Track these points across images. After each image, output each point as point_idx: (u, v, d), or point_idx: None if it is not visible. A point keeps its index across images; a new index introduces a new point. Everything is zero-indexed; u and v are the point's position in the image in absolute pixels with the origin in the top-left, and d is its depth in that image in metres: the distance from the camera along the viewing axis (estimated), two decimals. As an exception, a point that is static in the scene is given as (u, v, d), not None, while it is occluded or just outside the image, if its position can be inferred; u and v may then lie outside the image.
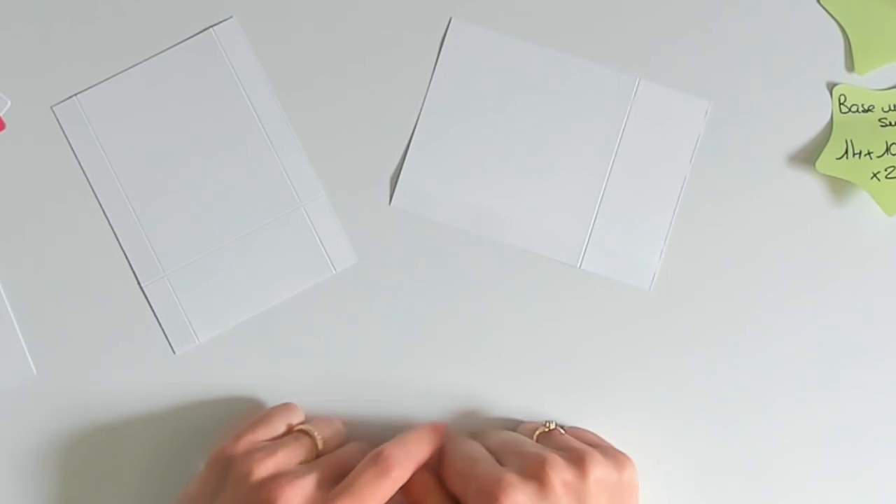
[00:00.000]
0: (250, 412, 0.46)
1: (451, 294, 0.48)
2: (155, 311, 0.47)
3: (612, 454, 0.42)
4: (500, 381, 0.47)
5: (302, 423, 0.44)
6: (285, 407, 0.45)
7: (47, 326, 0.47)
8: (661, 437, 0.47)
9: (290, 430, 0.43)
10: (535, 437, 0.44)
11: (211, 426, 0.47)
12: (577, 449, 0.41)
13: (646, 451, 0.47)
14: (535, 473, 0.39)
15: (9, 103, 0.47)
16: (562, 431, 0.45)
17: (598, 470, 0.40)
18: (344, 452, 0.42)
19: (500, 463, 0.42)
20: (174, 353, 0.47)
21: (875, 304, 0.48)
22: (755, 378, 0.48)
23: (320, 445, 0.42)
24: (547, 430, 0.44)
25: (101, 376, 0.47)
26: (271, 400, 0.47)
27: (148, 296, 0.47)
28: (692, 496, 0.47)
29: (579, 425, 0.47)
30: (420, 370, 0.47)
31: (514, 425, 0.47)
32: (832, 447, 0.47)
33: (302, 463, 0.42)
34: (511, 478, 0.39)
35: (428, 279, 0.48)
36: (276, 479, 0.39)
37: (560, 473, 0.39)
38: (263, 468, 0.40)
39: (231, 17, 0.48)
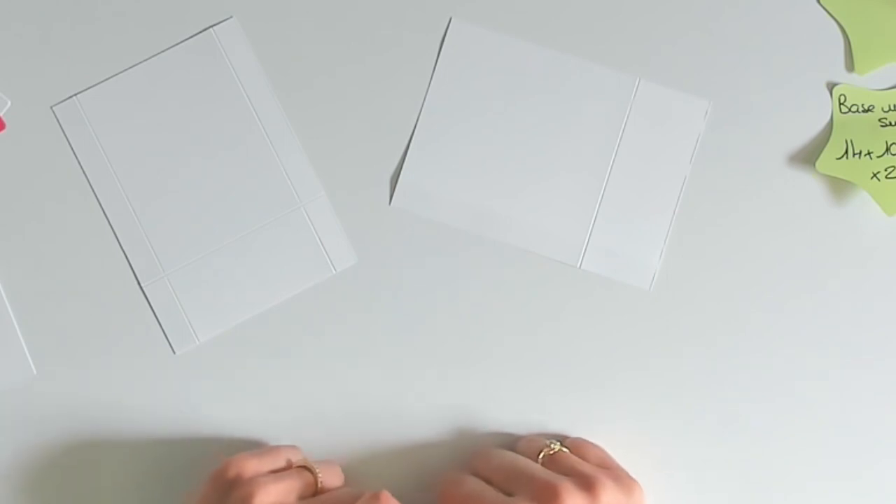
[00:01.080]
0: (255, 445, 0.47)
1: (451, 294, 0.48)
2: (155, 311, 0.47)
3: (620, 478, 0.42)
4: (500, 381, 0.47)
5: (304, 461, 0.44)
6: (290, 446, 0.45)
7: (47, 326, 0.47)
8: (662, 437, 0.47)
9: (291, 466, 0.43)
10: (539, 458, 0.43)
11: (211, 426, 0.47)
12: (586, 474, 0.41)
13: (646, 451, 0.47)
14: (548, 502, 0.39)
15: (9, 103, 0.47)
16: (565, 450, 0.44)
17: (609, 495, 0.40)
18: (341, 494, 0.43)
19: (507, 489, 0.41)
20: (174, 353, 0.47)
21: (875, 303, 0.48)
22: (755, 378, 0.48)
23: (319, 484, 0.43)
24: (552, 451, 0.44)
25: (101, 376, 0.47)
26: (270, 400, 0.47)
27: (148, 296, 0.47)
28: (692, 496, 0.47)
29: (579, 426, 0.47)
30: (420, 370, 0.47)
31: (511, 439, 0.47)
32: (832, 447, 0.47)
33: (301, 498, 0.42)
34: None
35: (428, 279, 0.48)
36: None
37: (573, 500, 0.39)
38: (265, 495, 0.40)
39: (231, 17, 0.48)
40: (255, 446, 0.46)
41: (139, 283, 0.47)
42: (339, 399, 0.47)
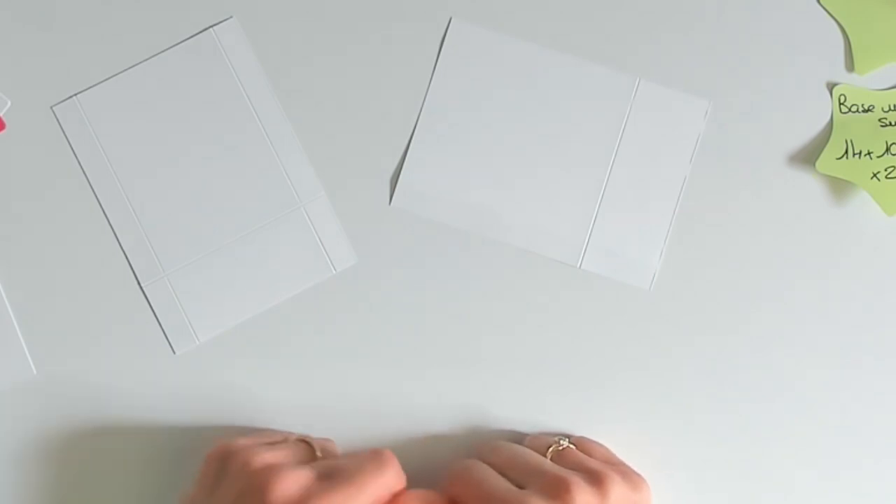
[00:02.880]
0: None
1: (451, 294, 0.48)
2: (155, 311, 0.47)
3: (627, 474, 0.42)
4: (500, 382, 0.47)
5: (300, 435, 0.44)
6: (284, 431, 0.46)
7: (47, 326, 0.47)
8: (662, 437, 0.47)
9: (287, 440, 0.44)
10: (547, 454, 0.44)
11: (211, 426, 0.47)
12: (595, 470, 0.41)
13: (646, 451, 0.47)
14: (559, 495, 0.39)
15: (9, 103, 0.47)
16: (572, 447, 0.44)
17: (617, 491, 0.41)
18: (341, 460, 0.43)
19: (518, 482, 0.41)
20: (174, 353, 0.47)
21: (875, 303, 0.48)
22: (755, 378, 0.48)
23: (318, 454, 0.43)
24: (560, 447, 0.44)
25: (101, 376, 0.47)
26: (270, 400, 0.47)
27: (148, 296, 0.47)
28: (693, 496, 0.47)
29: (579, 426, 0.47)
30: (420, 370, 0.47)
31: (516, 435, 0.47)
32: (833, 447, 0.47)
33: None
34: (535, 501, 0.39)
35: (428, 279, 0.48)
36: (275, 467, 0.40)
37: (583, 495, 0.40)
38: (262, 459, 0.40)
39: (231, 17, 0.48)
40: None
41: (139, 283, 0.47)
42: (339, 399, 0.47)
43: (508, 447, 0.44)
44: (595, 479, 0.41)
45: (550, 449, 0.44)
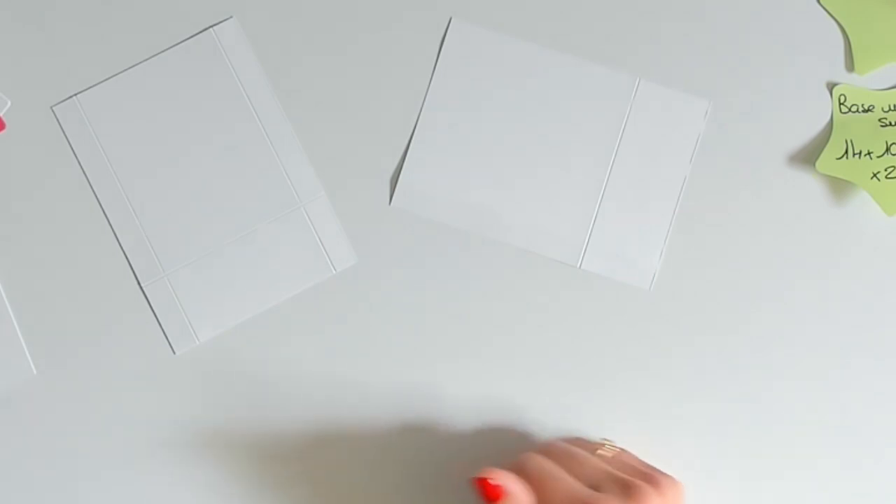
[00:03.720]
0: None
1: (451, 294, 0.48)
2: (155, 311, 0.47)
3: (665, 479, 0.43)
4: (501, 381, 0.47)
5: None
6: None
7: (47, 326, 0.47)
8: (662, 437, 0.47)
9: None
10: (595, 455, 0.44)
11: (211, 426, 0.47)
12: (650, 475, 0.42)
13: (646, 451, 0.47)
14: (634, 499, 0.40)
15: (9, 103, 0.47)
16: (617, 450, 0.44)
17: (673, 494, 0.41)
18: None
19: (583, 481, 0.42)
20: (174, 353, 0.47)
21: (875, 303, 0.48)
22: (755, 378, 0.48)
23: None
24: (608, 452, 0.44)
25: (101, 376, 0.47)
26: (270, 400, 0.47)
27: (148, 296, 0.47)
28: (692, 496, 0.47)
29: (579, 426, 0.47)
30: (420, 370, 0.47)
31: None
32: (833, 447, 0.47)
33: None
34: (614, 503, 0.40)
35: (428, 279, 0.48)
36: None
37: (652, 499, 0.40)
38: None
39: (231, 17, 0.48)
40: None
41: (139, 283, 0.47)
42: (338, 399, 0.47)
43: (564, 446, 0.44)
44: (654, 484, 0.41)
45: (598, 452, 0.44)
